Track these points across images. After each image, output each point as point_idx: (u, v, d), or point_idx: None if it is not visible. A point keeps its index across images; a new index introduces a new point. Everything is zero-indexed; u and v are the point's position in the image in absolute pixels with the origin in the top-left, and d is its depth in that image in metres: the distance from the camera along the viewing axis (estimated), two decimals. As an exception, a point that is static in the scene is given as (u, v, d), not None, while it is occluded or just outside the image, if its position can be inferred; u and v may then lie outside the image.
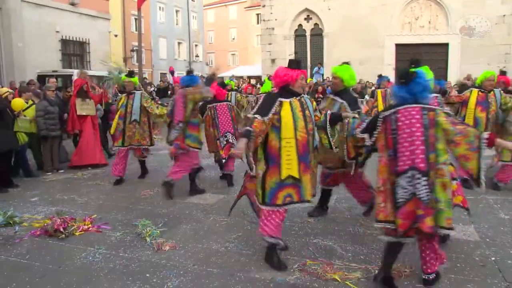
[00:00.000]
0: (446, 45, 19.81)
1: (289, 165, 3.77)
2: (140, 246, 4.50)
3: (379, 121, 3.50)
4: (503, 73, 7.30)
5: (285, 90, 3.93)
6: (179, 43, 40.75)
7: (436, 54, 20.06)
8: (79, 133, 8.68)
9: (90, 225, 5.05)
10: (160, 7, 37.68)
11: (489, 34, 18.69)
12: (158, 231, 4.81)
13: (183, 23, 41.04)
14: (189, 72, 6.76)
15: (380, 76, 11.05)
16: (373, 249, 4.32)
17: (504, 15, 18.67)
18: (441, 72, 19.41)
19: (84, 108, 8.54)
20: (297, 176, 3.81)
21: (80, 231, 4.88)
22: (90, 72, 15.50)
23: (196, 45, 43.47)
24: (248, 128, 3.63)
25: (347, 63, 5.02)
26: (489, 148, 3.63)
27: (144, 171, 7.87)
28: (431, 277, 3.55)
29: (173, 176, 6.22)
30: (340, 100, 4.84)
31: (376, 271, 3.76)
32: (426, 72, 3.97)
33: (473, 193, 6.36)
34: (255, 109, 3.86)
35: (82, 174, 8.06)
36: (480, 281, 3.64)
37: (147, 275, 3.83)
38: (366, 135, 3.62)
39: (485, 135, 3.32)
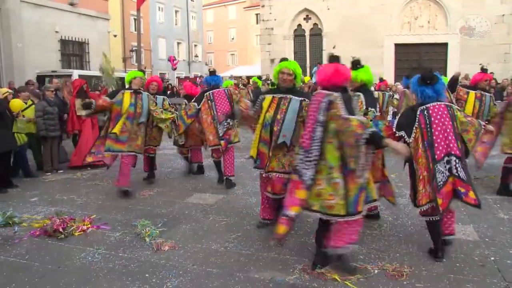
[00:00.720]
0: (445, 45, 19.80)
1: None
2: (139, 246, 4.50)
3: (416, 117, 3.95)
4: (484, 70, 7.36)
5: None
6: (178, 43, 40.77)
7: (436, 54, 20.06)
8: (79, 133, 8.68)
9: (89, 225, 5.05)
10: (159, 7, 37.70)
11: (489, 34, 18.68)
12: (157, 231, 4.81)
13: (182, 23, 41.07)
14: (212, 73, 6.98)
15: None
16: (372, 249, 4.33)
17: (503, 15, 18.67)
18: (441, 72, 19.40)
19: (84, 108, 8.52)
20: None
21: (79, 231, 4.88)
22: (90, 73, 15.59)
23: (195, 45, 43.49)
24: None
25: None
26: None
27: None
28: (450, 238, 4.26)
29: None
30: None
31: (376, 271, 3.77)
32: (367, 72, 4.94)
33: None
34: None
35: (82, 174, 8.06)
36: (479, 281, 3.64)
37: (147, 275, 3.83)
38: (402, 132, 3.99)
39: (482, 122, 4.31)
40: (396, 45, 20.57)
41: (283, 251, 4.28)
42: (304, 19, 22.65)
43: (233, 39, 49.49)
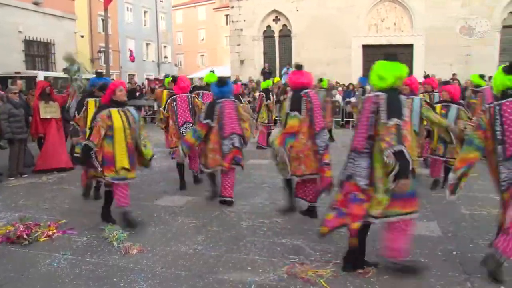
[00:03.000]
0: (411, 46, 20.29)
1: None
2: (107, 251, 4.43)
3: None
4: (426, 76, 7.83)
5: None
6: (147, 44, 40.27)
7: (402, 54, 20.46)
8: (44, 136, 8.47)
9: (55, 231, 4.93)
10: (127, 8, 37.15)
11: (451, 36, 19.24)
12: (125, 235, 4.74)
13: (151, 24, 40.59)
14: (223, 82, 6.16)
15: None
16: (341, 247, 4.39)
17: (464, 18, 19.30)
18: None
19: (48, 111, 8.34)
20: None
21: (44, 237, 4.75)
22: (56, 74, 15.20)
23: (164, 46, 43.06)
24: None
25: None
26: None
27: None
28: None
29: None
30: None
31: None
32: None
33: (438, 190, 6.59)
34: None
35: (47, 178, 7.85)
36: (442, 275, 3.76)
37: (114, 279, 3.77)
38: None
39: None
40: (364, 46, 20.94)
41: (252, 252, 4.30)
42: (274, 20, 22.78)
43: (203, 40, 49.27)
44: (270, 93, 11.66)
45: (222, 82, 6.09)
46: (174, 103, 6.84)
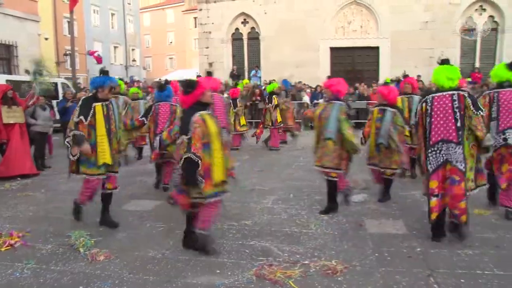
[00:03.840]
0: (377, 49, 20.73)
1: None
2: (73, 258, 4.34)
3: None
4: (405, 76, 7.94)
5: None
6: (115, 47, 39.65)
7: (369, 57, 20.96)
8: (6, 142, 8.21)
9: (18, 239, 4.78)
10: (94, 10, 36.48)
11: (415, 39, 19.79)
12: (92, 241, 4.65)
13: (119, 26, 39.98)
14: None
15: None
16: (309, 248, 4.45)
17: (427, 22, 19.89)
18: (374, 74, 20.34)
19: (11, 116, 8.09)
20: None
21: (6, 246, 4.60)
22: (18, 77, 14.78)
23: (133, 49, 42.49)
24: None
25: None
26: None
27: None
28: None
29: None
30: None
31: (313, 270, 3.89)
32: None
33: (404, 189, 6.75)
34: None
35: (10, 185, 7.60)
36: (406, 272, 3.86)
37: (80, 287, 3.70)
38: None
39: None
40: (331, 48, 21.27)
41: (220, 255, 4.29)
42: (242, 23, 22.84)
43: (171, 42, 48.89)
44: (273, 96, 11.58)
45: (162, 87, 7.08)
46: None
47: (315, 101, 16.43)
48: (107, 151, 5.04)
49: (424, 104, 4.53)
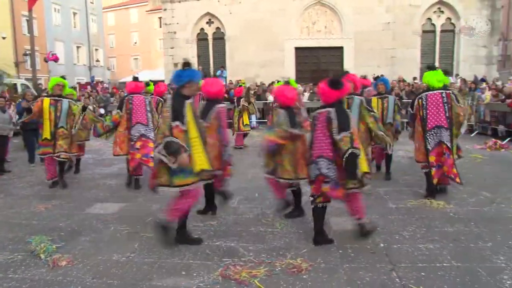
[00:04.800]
0: (341, 49, 21.08)
1: None
2: (33, 265, 4.19)
3: None
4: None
5: None
6: (78, 47, 38.74)
7: (333, 57, 21.27)
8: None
9: (-27, 247, 4.59)
10: (55, 9, 35.52)
11: (377, 39, 20.25)
12: (54, 247, 4.51)
13: (82, 26, 39.09)
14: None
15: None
16: (274, 247, 4.46)
17: (388, 23, 20.41)
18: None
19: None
20: None
21: (-40, 255, 4.41)
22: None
23: (96, 49, 41.62)
24: None
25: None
26: None
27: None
28: None
29: None
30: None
31: (278, 268, 3.90)
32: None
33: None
34: None
35: (-34, 190, 7.31)
36: (370, 267, 3.93)
37: (40, 294, 3.58)
38: None
39: None
40: (296, 48, 21.47)
41: (186, 256, 4.25)
42: (207, 23, 22.74)
43: (136, 43, 48.16)
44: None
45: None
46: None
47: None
48: (202, 155, 4.37)
49: (420, 100, 6.11)
